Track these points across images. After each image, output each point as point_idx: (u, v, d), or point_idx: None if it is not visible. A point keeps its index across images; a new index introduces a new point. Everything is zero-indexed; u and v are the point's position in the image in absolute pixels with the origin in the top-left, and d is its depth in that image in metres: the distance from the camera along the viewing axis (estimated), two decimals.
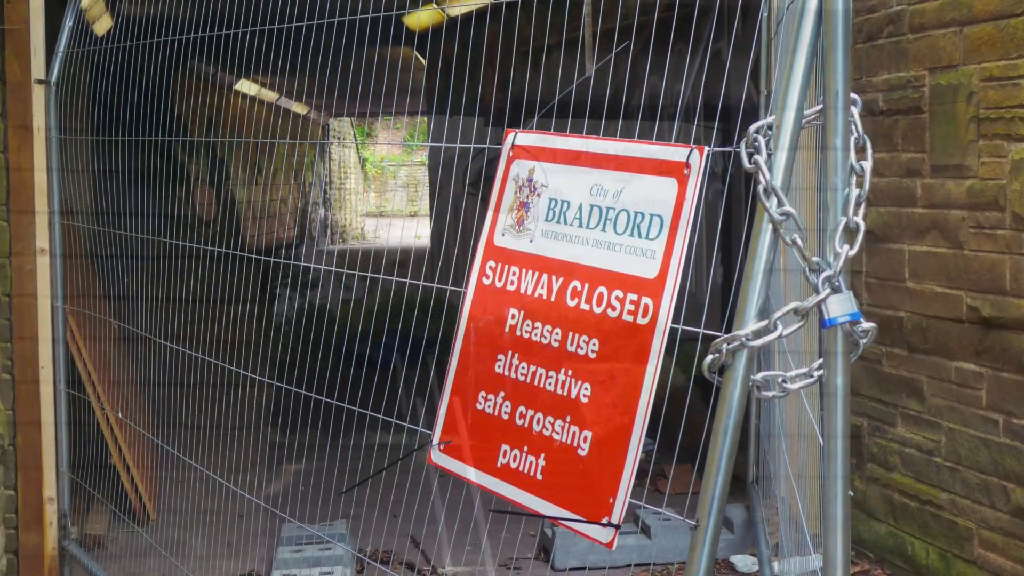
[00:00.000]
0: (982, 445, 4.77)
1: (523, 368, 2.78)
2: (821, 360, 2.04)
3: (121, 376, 6.61)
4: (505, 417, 2.81)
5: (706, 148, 2.49)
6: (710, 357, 2.01)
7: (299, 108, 24.92)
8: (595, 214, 2.69)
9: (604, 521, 2.50)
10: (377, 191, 35.92)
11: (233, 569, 5.71)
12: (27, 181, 5.31)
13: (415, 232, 20.61)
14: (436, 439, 2.99)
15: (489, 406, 2.86)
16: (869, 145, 2.05)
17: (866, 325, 2.00)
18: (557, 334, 2.71)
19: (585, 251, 2.69)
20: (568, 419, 2.64)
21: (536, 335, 2.77)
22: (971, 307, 4.79)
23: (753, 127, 2.04)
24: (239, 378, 4.99)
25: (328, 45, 4.59)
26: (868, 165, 2.02)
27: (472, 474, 2.89)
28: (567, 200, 2.78)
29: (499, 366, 2.85)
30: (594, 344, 2.62)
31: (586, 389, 2.62)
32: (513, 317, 2.83)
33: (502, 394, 2.83)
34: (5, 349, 5.35)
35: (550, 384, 2.71)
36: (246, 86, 20.50)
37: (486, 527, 5.55)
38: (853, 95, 2.01)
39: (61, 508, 5.41)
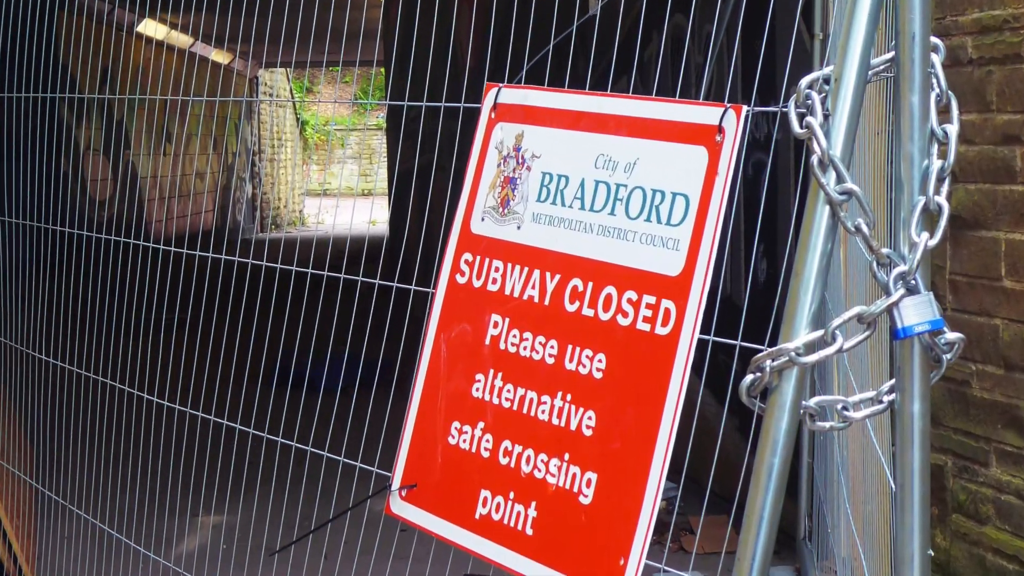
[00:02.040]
0: None
1: (508, 391, 2.78)
2: (892, 381, 2.04)
3: None
4: (485, 454, 2.80)
5: (744, 108, 2.49)
6: (750, 377, 2.01)
7: (220, 56, 24.90)
8: (601, 193, 2.69)
9: None
10: (320, 163, 35.90)
11: None
12: None
13: (369, 216, 20.63)
14: (396, 483, 2.98)
15: (464, 440, 2.86)
16: (955, 104, 2.05)
17: (951, 336, 2.00)
18: (552, 347, 2.71)
19: (588, 241, 2.69)
20: (567, 457, 2.64)
21: (525, 349, 2.77)
22: None
23: (805, 81, 2.04)
24: (143, 405, 4.98)
25: None
26: (953, 130, 2.02)
27: (442, 528, 2.88)
28: (565, 175, 2.78)
29: (477, 389, 2.84)
30: (600, 360, 2.62)
31: (590, 419, 2.62)
32: (496, 326, 2.83)
33: (481, 425, 2.83)
34: None
35: (543, 412, 2.70)
36: (151, 27, 20.48)
37: None
38: (934, 39, 2.01)
39: None
